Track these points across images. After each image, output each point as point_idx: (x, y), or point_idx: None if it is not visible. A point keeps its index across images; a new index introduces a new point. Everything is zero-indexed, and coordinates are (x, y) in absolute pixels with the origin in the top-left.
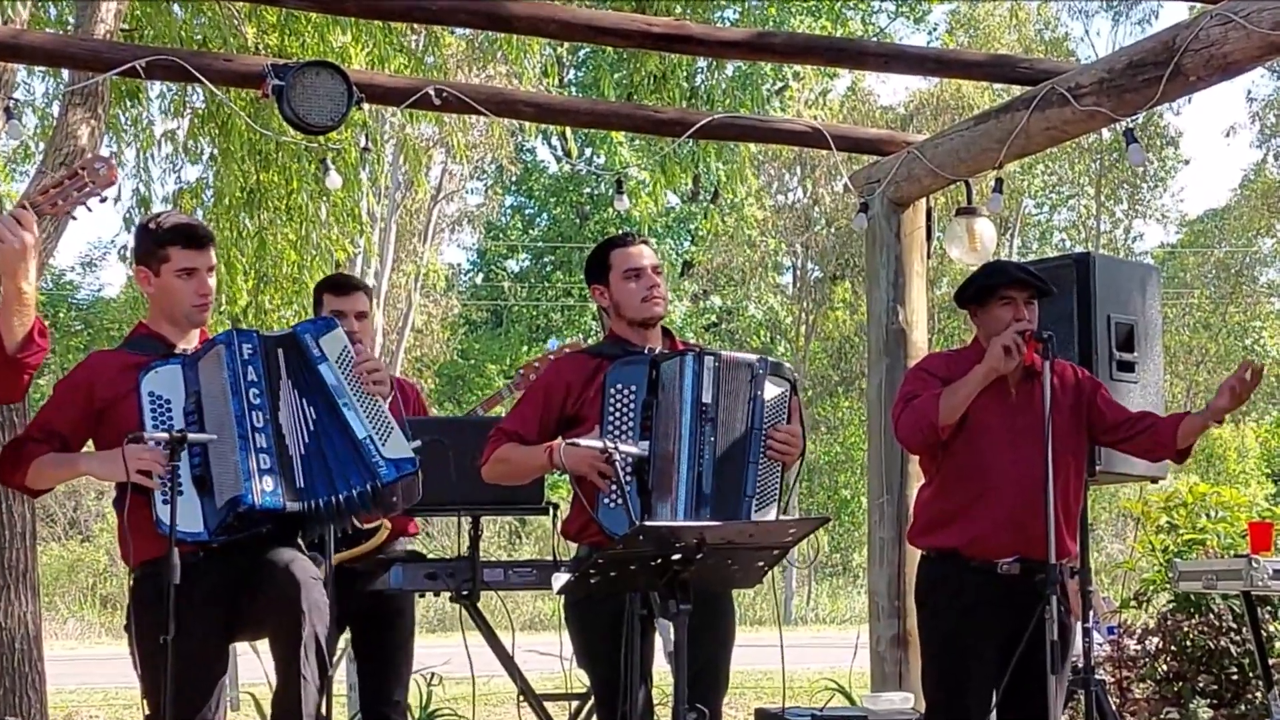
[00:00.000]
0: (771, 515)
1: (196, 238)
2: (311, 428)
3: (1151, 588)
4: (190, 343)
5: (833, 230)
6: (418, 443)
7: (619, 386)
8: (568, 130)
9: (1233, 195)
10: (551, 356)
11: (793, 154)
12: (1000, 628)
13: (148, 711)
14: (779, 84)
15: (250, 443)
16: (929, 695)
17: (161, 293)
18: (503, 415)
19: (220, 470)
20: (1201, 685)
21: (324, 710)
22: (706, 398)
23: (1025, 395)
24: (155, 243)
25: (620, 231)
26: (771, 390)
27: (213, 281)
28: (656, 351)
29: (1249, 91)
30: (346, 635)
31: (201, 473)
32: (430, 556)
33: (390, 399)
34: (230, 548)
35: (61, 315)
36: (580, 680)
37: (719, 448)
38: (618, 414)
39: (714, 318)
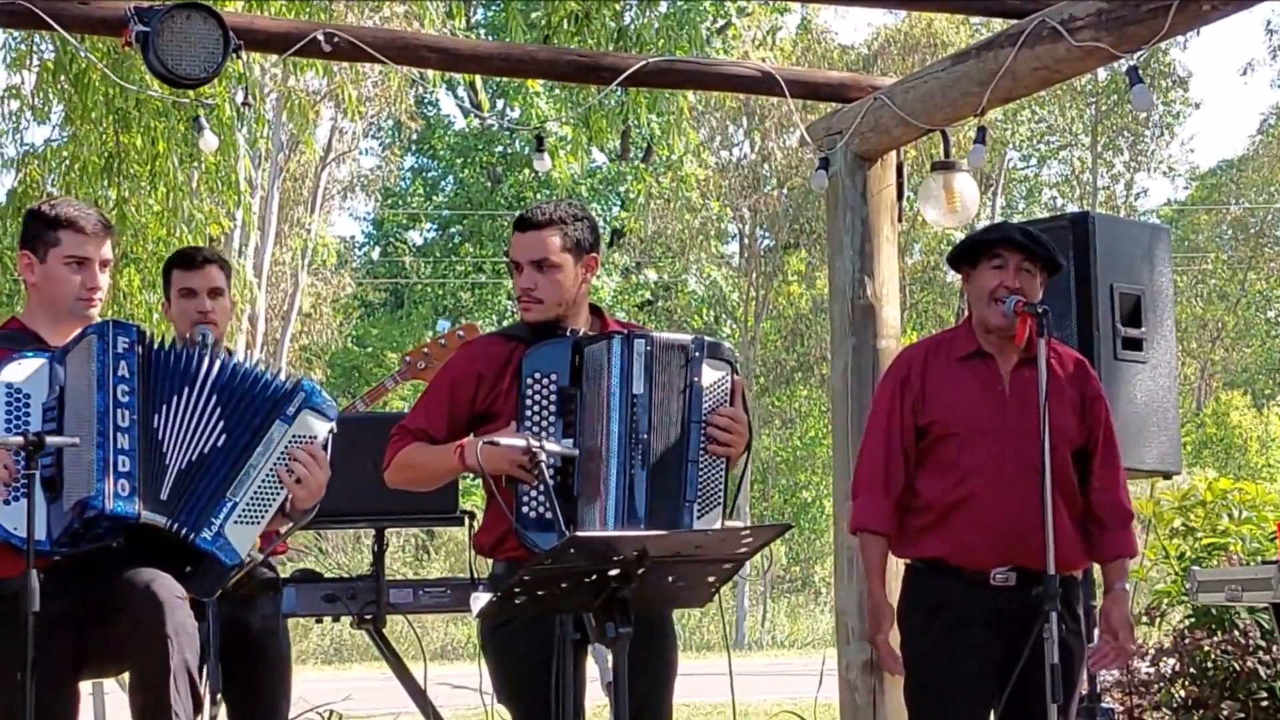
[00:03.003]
0: (715, 521)
1: (93, 224)
2: (205, 449)
3: (1166, 601)
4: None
5: (786, 191)
6: (260, 557)
7: (537, 375)
8: (477, 79)
9: (1251, 143)
10: (442, 343)
11: (738, 103)
12: (995, 648)
13: None
14: (721, 21)
15: (109, 441)
16: None
17: (45, 282)
18: (405, 411)
19: (73, 470)
20: (1226, 713)
21: None
22: (638, 387)
23: (1020, 384)
24: (46, 225)
25: (531, 207)
26: (710, 375)
27: (106, 279)
28: (581, 334)
29: (1269, 22)
30: None
31: (52, 474)
32: (327, 575)
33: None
34: (80, 567)
35: None
36: (502, 717)
37: (653, 445)
38: (536, 407)
39: (648, 294)
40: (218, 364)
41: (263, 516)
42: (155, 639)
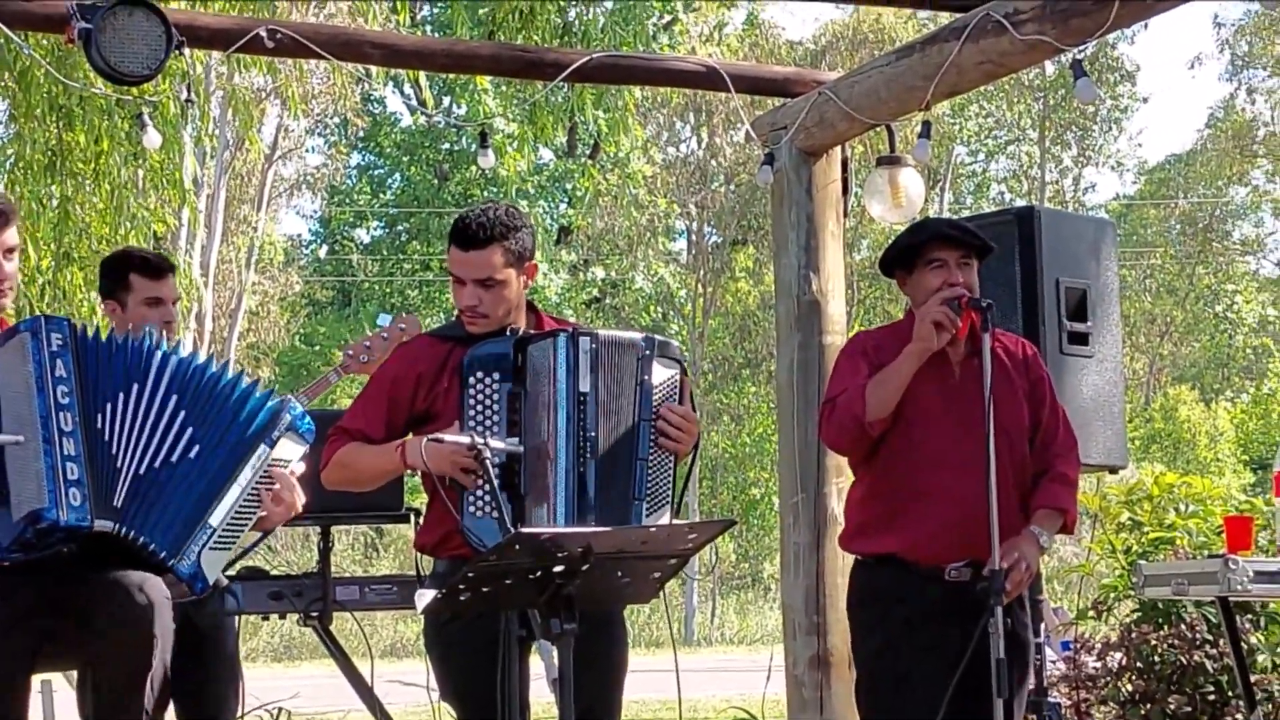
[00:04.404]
0: (664, 519)
1: None
2: (173, 457)
3: (1112, 595)
4: None
5: (733, 187)
6: (225, 584)
7: (479, 374)
8: (422, 76)
9: (1199, 137)
10: (384, 335)
11: (685, 99)
12: (950, 645)
13: None
14: (666, 17)
15: (56, 448)
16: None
17: None
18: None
19: (20, 478)
20: (1173, 707)
21: None
22: (584, 385)
23: (970, 374)
24: None
25: (469, 215)
26: (660, 373)
27: (12, 266)
28: (521, 331)
29: (1216, 15)
30: None
31: None
32: (275, 573)
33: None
34: (38, 566)
35: None
36: (451, 715)
37: (601, 443)
38: (479, 406)
39: (596, 292)
40: (173, 359)
41: (234, 542)
42: (142, 638)
